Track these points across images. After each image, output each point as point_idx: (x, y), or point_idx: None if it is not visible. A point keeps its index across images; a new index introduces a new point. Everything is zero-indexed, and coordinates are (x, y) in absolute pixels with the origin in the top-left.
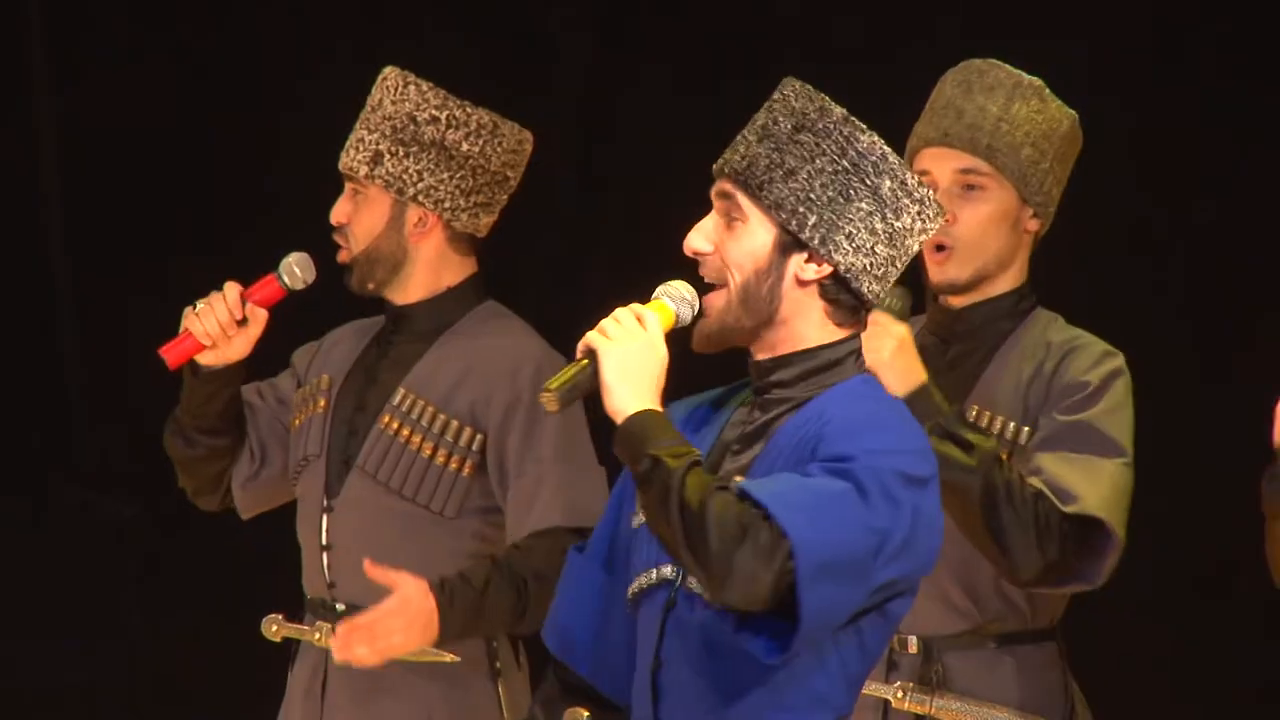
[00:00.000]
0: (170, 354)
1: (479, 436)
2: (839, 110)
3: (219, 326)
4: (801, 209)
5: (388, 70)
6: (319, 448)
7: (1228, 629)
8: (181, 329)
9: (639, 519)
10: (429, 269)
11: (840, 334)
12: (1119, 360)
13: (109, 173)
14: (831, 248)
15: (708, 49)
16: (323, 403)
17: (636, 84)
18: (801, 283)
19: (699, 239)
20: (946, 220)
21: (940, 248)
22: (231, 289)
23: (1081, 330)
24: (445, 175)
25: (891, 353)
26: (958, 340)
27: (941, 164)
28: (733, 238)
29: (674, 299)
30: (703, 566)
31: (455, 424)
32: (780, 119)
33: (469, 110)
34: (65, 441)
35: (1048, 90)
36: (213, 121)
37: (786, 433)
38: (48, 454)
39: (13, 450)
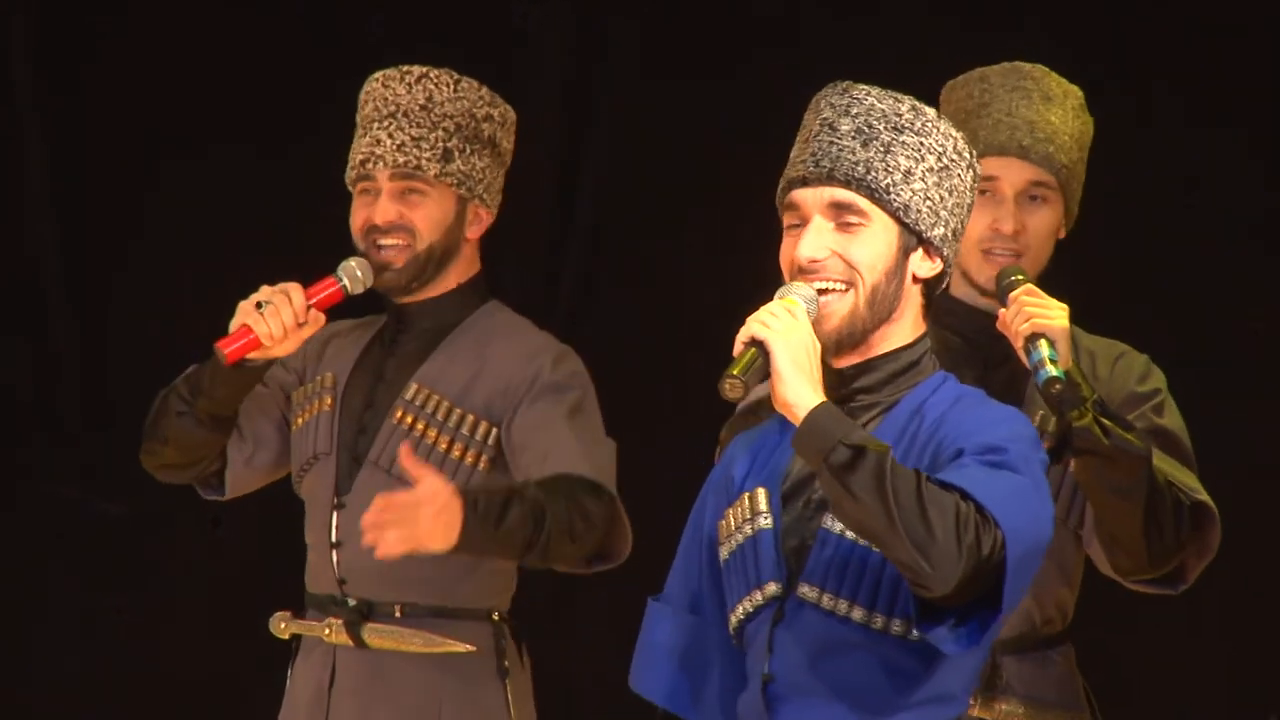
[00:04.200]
0: (229, 349)
1: (494, 430)
2: (930, 109)
3: (283, 329)
4: (926, 209)
5: (427, 69)
6: (329, 445)
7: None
8: (237, 324)
9: (723, 552)
10: (462, 267)
11: (920, 331)
12: (1159, 371)
13: (109, 170)
14: (946, 246)
15: (686, 44)
16: (329, 400)
17: (615, 81)
18: (916, 280)
19: (816, 248)
20: (1014, 230)
21: (988, 253)
22: (298, 293)
23: (1105, 338)
24: (497, 173)
25: (1063, 324)
26: (994, 342)
27: (1015, 174)
28: (858, 241)
29: (804, 298)
30: (925, 556)
31: (471, 418)
32: (874, 123)
33: (506, 106)
34: (62, 440)
35: (1083, 100)
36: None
37: (884, 438)
38: (45, 452)
39: (5, 449)
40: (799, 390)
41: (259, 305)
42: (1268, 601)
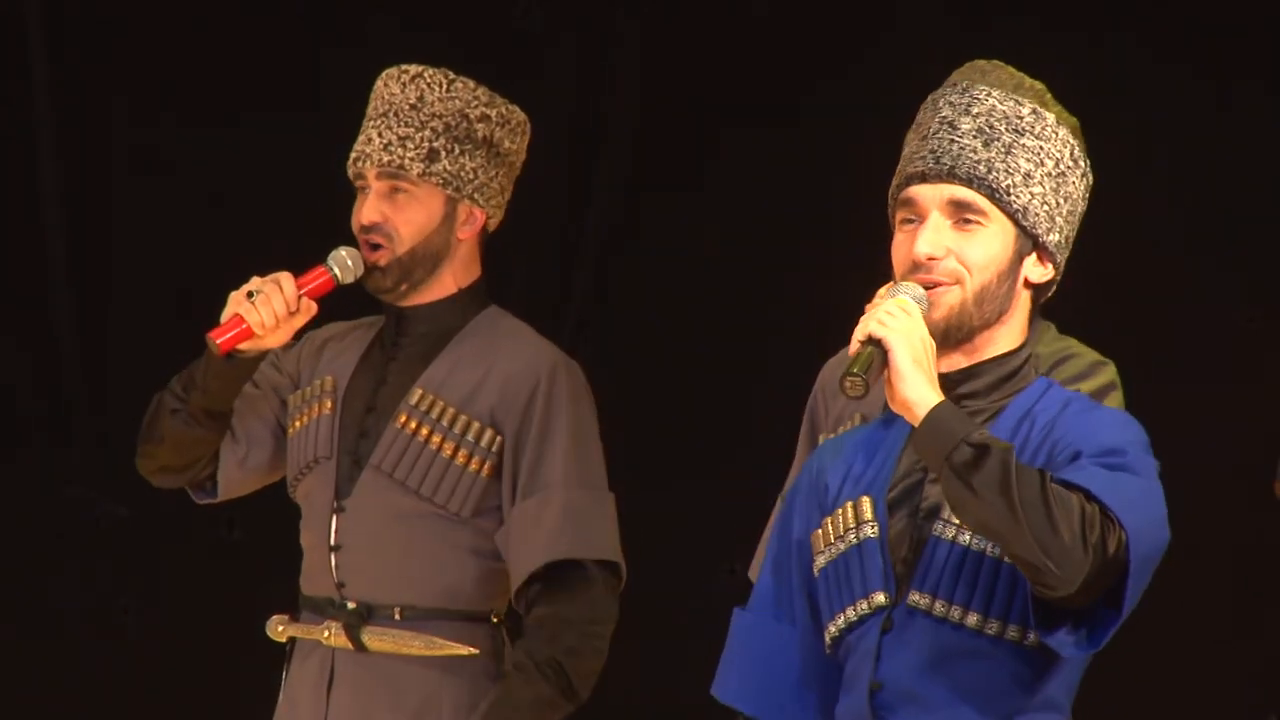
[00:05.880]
0: (222, 339)
1: (499, 438)
2: (1050, 114)
3: (275, 318)
4: (1043, 213)
5: (420, 68)
6: (329, 449)
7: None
8: (228, 314)
9: (820, 561)
10: (459, 268)
11: (1024, 338)
12: (1112, 371)
13: (110, 170)
14: (1059, 252)
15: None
16: (329, 404)
17: (615, 81)
18: (1028, 284)
19: (934, 245)
20: None
21: None
22: (289, 282)
23: (1072, 339)
24: (494, 173)
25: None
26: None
27: None
28: (974, 241)
29: (915, 298)
30: (1050, 555)
31: (476, 425)
32: (995, 124)
33: (510, 108)
34: (64, 440)
35: (1049, 95)
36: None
37: None
38: (46, 452)
39: (11, 449)
40: (919, 389)
41: (250, 295)
42: (1267, 601)
